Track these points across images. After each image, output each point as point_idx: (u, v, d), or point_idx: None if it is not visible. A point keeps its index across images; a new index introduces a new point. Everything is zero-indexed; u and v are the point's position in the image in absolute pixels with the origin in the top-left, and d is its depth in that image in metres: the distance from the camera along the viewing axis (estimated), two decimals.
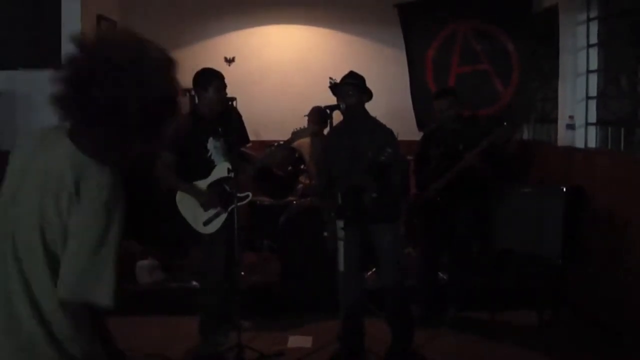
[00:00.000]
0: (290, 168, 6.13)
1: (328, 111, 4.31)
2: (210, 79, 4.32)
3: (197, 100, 4.50)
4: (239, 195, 4.31)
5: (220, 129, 4.36)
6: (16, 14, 5.52)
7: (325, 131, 5.05)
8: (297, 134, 4.45)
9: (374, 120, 4.30)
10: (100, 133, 1.76)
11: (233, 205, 4.27)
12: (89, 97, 1.69)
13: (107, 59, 1.70)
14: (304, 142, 5.82)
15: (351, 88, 4.15)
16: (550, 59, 5.88)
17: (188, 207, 4.33)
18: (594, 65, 5.23)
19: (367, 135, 4.13)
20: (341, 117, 4.34)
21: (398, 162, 4.09)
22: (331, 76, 4.69)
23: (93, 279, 1.70)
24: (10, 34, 5.53)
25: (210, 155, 4.35)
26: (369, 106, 4.30)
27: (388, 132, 4.23)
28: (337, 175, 4.15)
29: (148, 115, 1.75)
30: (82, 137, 1.77)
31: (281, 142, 4.56)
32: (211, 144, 4.35)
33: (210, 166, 4.35)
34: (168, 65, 1.80)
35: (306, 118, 5.88)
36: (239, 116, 4.55)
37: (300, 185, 6.12)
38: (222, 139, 4.37)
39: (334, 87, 4.25)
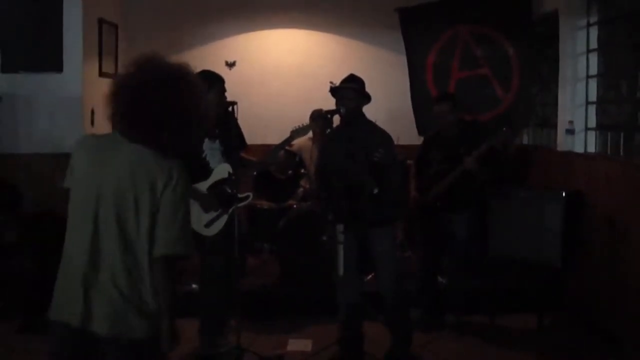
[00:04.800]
0: (290, 172, 6.13)
1: (329, 116, 4.32)
2: (212, 82, 4.31)
3: None
4: (239, 196, 4.31)
5: (216, 131, 4.36)
6: (18, 17, 5.53)
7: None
8: (296, 132, 4.45)
9: (371, 124, 4.31)
10: (166, 138, 2.32)
11: (234, 207, 4.26)
12: (150, 112, 2.26)
13: (159, 79, 2.27)
14: (305, 146, 5.83)
15: (350, 91, 4.17)
16: (550, 63, 5.89)
17: None
18: (593, 70, 5.24)
19: (364, 138, 4.15)
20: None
21: (394, 164, 4.10)
22: (332, 80, 4.71)
23: (183, 235, 2.39)
24: (11, 37, 5.54)
25: (205, 157, 4.35)
26: (369, 110, 4.32)
27: (385, 136, 4.24)
28: (334, 178, 4.16)
29: (198, 120, 2.38)
30: (151, 141, 2.32)
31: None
32: (207, 145, 4.35)
33: (205, 168, 4.35)
34: (196, 80, 2.40)
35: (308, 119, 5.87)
36: (236, 120, 4.54)
37: (300, 189, 6.13)
38: (217, 141, 4.37)
39: (334, 90, 4.27)
